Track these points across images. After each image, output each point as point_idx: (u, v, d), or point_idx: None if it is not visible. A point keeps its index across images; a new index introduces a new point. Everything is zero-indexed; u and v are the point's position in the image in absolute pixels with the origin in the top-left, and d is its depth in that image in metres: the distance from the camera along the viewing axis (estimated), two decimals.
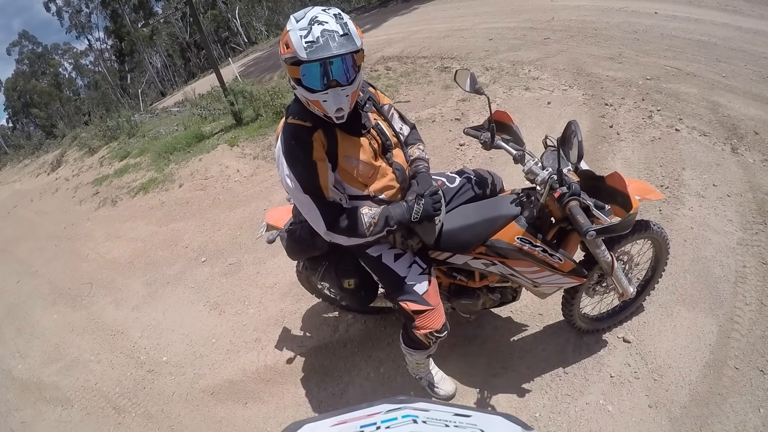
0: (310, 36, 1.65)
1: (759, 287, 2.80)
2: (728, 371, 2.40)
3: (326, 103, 1.77)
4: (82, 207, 7.10)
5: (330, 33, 1.66)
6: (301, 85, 1.76)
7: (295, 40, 1.67)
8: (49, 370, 3.75)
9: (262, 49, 18.41)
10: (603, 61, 6.11)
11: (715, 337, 2.57)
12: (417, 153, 2.19)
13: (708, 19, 7.23)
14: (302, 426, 0.76)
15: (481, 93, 2.14)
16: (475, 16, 9.83)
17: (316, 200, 1.86)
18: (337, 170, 1.91)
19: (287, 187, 1.89)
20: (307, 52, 1.65)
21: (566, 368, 2.54)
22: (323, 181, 1.85)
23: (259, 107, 7.30)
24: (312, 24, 1.67)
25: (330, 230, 1.89)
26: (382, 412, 0.79)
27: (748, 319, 2.63)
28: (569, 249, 2.12)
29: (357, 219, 1.88)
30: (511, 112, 4.99)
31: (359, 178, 1.95)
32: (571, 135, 1.79)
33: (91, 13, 40.59)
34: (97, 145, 9.91)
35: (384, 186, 2.00)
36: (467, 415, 0.79)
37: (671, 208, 3.46)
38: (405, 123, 2.26)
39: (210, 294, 3.91)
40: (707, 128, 4.34)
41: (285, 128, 1.91)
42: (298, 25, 1.69)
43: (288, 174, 1.86)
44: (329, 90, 1.74)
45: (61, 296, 4.74)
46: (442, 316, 2.09)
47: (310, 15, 1.71)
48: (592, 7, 8.79)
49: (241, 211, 5.01)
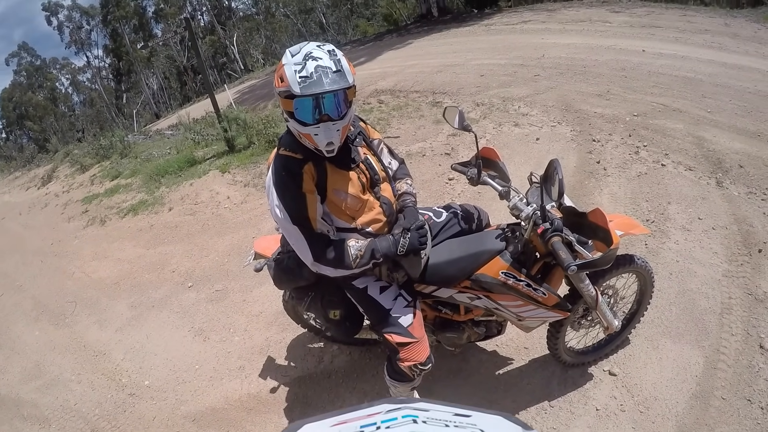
0: (304, 71, 1.70)
1: (744, 318, 2.84)
2: (715, 402, 2.42)
3: (317, 137, 1.81)
4: (70, 224, 7.05)
5: (323, 69, 1.71)
6: (294, 118, 1.81)
7: (290, 75, 1.71)
8: (28, 387, 3.68)
9: (258, 77, 18.57)
10: (591, 97, 6.25)
11: (701, 369, 2.59)
12: (405, 188, 2.23)
13: (694, 56, 7.47)
14: (302, 426, 0.76)
15: (469, 130, 2.19)
16: (467, 53, 10.00)
17: (304, 231, 1.88)
18: (325, 202, 1.94)
19: (276, 217, 1.92)
20: (301, 87, 1.70)
21: (552, 402, 2.54)
22: (312, 212, 1.88)
23: (252, 135, 7.34)
24: (306, 59, 1.72)
25: (317, 261, 1.91)
26: (382, 412, 0.79)
27: (734, 349, 2.67)
28: (554, 283, 2.16)
29: (344, 251, 1.91)
30: (501, 147, 5.14)
31: (347, 211, 1.98)
32: (553, 172, 1.83)
33: (91, 30, 40.95)
34: (89, 163, 9.89)
35: (371, 219, 2.03)
36: (467, 415, 0.79)
37: (657, 242, 3.52)
38: (394, 158, 2.30)
39: (195, 320, 3.88)
40: (693, 163, 4.44)
41: (276, 159, 1.94)
42: (293, 60, 1.73)
43: (277, 204, 1.88)
44: (321, 124, 1.78)
45: (44, 313, 4.68)
46: (426, 349, 2.10)
47: (305, 50, 1.75)
48: (581, 45, 9.02)
49: (230, 238, 5.01)
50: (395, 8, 23.70)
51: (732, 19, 10.11)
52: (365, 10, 32.74)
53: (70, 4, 39.50)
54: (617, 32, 9.83)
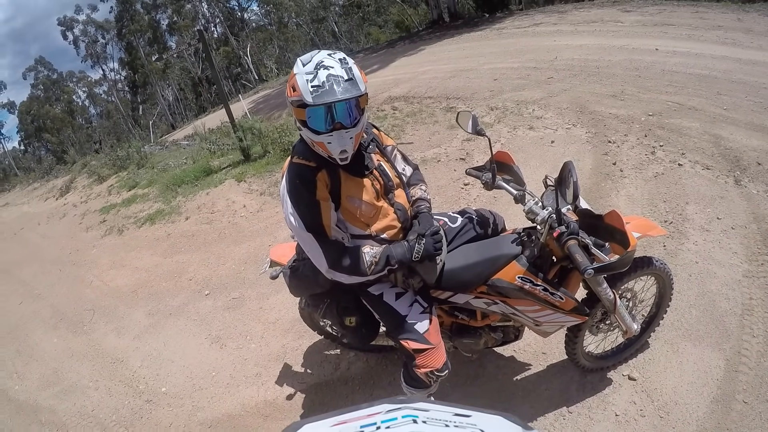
0: (316, 80, 1.71)
1: (766, 319, 2.78)
2: (737, 405, 2.37)
3: (330, 145, 1.82)
4: (88, 234, 7.18)
5: (335, 78, 1.72)
6: (307, 127, 1.81)
7: (302, 84, 1.72)
8: (46, 393, 3.73)
9: (272, 87, 18.76)
10: (605, 98, 6.19)
11: (722, 372, 2.54)
12: (419, 193, 2.23)
13: (708, 53, 7.38)
14: (302, 426, 0.76)
15: (483, 134, 2.19)
16: (480, 57, 10.00)
17: (318, 239, 1.89)
18: (339, 210, 1.95)
19: (290, 225, 1.92)
20: (313, 96, 1.70)
21: (570, 407, 2.50)
22: (326, 220, 1.89)
23: (267, 144, 7.41)
24: (318, 69, 1.73)
25: (332, 268, 1.91)
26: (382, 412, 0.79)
27: (756, 351, 2.61)
28: (571, 287, 2.13)
29: (359, 258, 1.91)
30: (516, 151, 5.13)
31: (361, 218, 1.98)
32: (568, 175, 1.83)
33: (106, 44, 41.65)
34: (106, 174, 10.07)
35: (386, 226, 2.04)
36: (467, 415, 0.79)
37: (675, 243, 3.47)
38: (408, 164, 2.30)
39: (212, 327, 3.90)
40: (710, 161, 4.37)
41: (290, 168, 1.95)
42: (304, 69, 1.75)
43: (292, 212, 1.89)
44: (334, 132, 1.79)
45: (62, 321, 4.75)
46: (443, 355, 2.08)
47: (316, 59, 1.76)
48: (594, 45, 8.97)
49: (246, 246, 5.04)
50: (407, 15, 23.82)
51: (744, 14, 9.98)
52: (377, 17, 32.89)
53: (85, 19, 40.28)
54: (629, 32, 9.76)
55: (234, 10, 38.37)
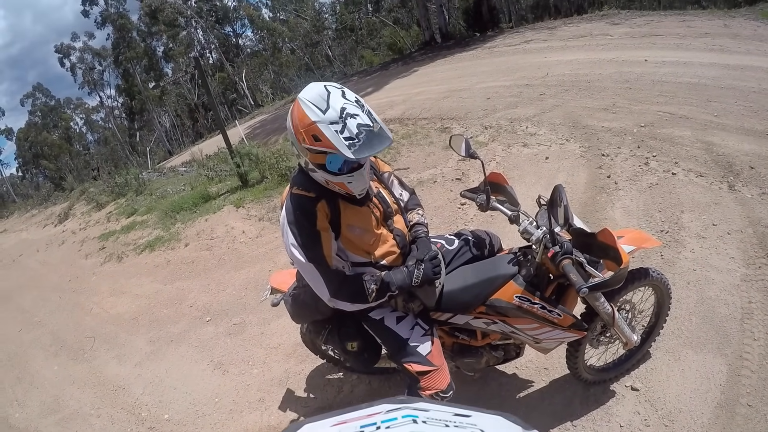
0: (347, 132, 1.67)
1: (766, 321, 2.80)
2: (741, 409, 2.38)
3: (351, 185, 1.84)
4: (87, 261, 7.17)
5: (366, 128, 1.69)
6: (323, 170, 1.81)
7: (332, 136, 1.67)
8: (47, 421, 3.71)
9: (268, 112, 18.91)
10: (597, 112, 6.26)
11: (725, 377, 2.55)
12: (416, 218, 2.26)
13: (696, 61, 7.48)
14: (302, 426, 0.77)
15: (476, 157, 2.24)
16: (472, 76, 10.11)
17: (319, 269, 1.90)
18: (340, 239, 1.96)
19: (292, 255, 1.93)
20: (353, 151, 1.66)
21: (574, 421, 2.51)
22: (327, 250, 1.90)
23: (264, 170, 7.45)
24: (345, 118, 1.67)
25: (334, 297, 1.92)
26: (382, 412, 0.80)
27: (758, 354, 2.63)
28: (569, 303, 2.15)
29: (360, 286, 1.92)
30: (511, 169, 5.17)
31: (362, 246, 2.00)
32: (558, 199, 1.86)
33: (103, 71, 42.12)
34: (104, 201, 10.08)
35: (385, 252, 2.05)
36: (467, 415, 0.79)
37: (672, 252, 3.50)
38: (404, 189, 2.33)
39: (214, 353, 3.90)
40: (703, 169, 4.42)
41: (290, 199, 1.95)
42: (326, 117, 1.67)
43: (293, 243, 1.89)
44: (354, 173, 1.81)
45: (63, 348, 4.74)
46: (447, 376, 2.10)
47: (336, 104, 1.70)
48: (584, 60, 9.09)
49: (247, 272, 5.05)
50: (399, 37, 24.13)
51: (731, 20, 10.17)
52: (370, 40, 33.28)
53: (82, 46, 40.80)
54: (618, 44, 9.91)
55: (229, 36, 38.88)
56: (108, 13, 36.88)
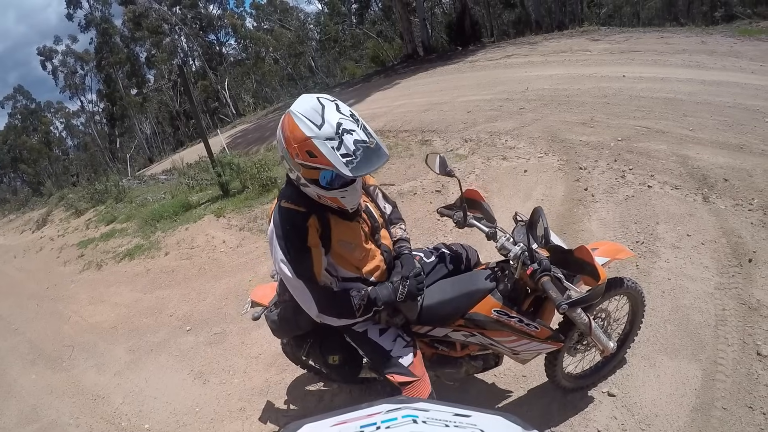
0: (343, 148, 1.64)
1: (740, 327, 2.89)
2: (716, 412, 2.44)
3: (344, 199, 1.85)
4: (66, 268, 7.07)
5: (363, 144, 1.67)
6: (316, 185, 1.80)
7: (328, 153, 1.64)
8: (25, 430, 3.65)
9: (250, 121, 18.80)
10: (576, 126, 6.36)
11: (699, 381, 2.62)
12: (399, 233, 2.29)
13: (673, 77, 7.65)
14: (302, 426, 0.78)
15: (452, 175, 2.29)
16: (453, 90, 10.20)
17: (308, 285, 1.89)
18: (330, 253, 1.96)
19: (280, 270, 1.91)
20: (351, 168, 1.64)
21: (553, 428, 2.55)
22: (317, 267, 1.89)
23: (245, 179, 7.43)
24: (342, 134, 1.65)
25: (322, 313, 1.92)
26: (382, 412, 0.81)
27: (732, 359, 2.70)
28: (546, 316, 2.20)
29: (347, 302, 1.93)
30: (490, 182, 5.25)
31: (352, 261, 2.01)
32: (537, 220, 1.92)
33: (85, 75, 41.55)
34: (84, 207, 9.93)
35: (374, 267, 2.08)
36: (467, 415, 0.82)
37: (648, 263, 3.58)
38: (387, 201, 2.37)
39: (194, 363, 3.88)
40: (678, 181, 4.53)
41: (279, 212, 1.92)
42: (322, 133, 1.65)
43: (282, 259, 1.87)
44: (348, 188, 1.81)
45: (40, 357, 4.66)
46: (428, 387, 2.12)
47: (332, 120, 1.67)
48: (563, 75, 9.23)
49: (227, 281, 5.03)
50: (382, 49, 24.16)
51: (708, 37, 10.40)
52: (353, 52, 33.39)
53: (65, 50, 40.24)
54: (598, 60, 10.09)
55: (212, 44, 38.68)
56: (92, 16, 36.54)
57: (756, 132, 5.22)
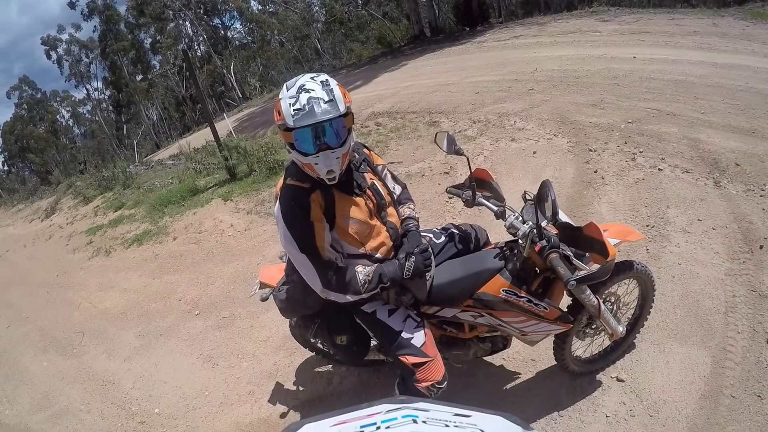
0: (298, 104, 1.77)
1: (750, 315, 2.86)
2: (725, 400, 2.43)
3: (317, 166, 1.86)
4: (75, 255, 7.11)
5: (316, 100, 1.76)
6: (295, 149, 1.86)
7: (285, 109, 1.79)
8: (37, 417, 3.68)
9: (256, 105, 18.74)
10: (585, 108, 6.31)
11: (709, 369, 2.61)
12: (408, 212, 2.29)
13: (684, 59, 7.57)
14: (302, 426, 0.77)
15: (461, 153, 2.27)
16: (461, 71, 10.12)
17: (312, 260, 1.92)
18: (334, 229, 1.98)
19: (285, 247, 1.96)
20: (294, 119, 1.77)
21: (561, 411, 2.55)
22: (320, 241, 1.92)
23: (252, 163, 7.41)
24: (300, 92, 1.78)
25: (326, 288, 1.94)
26: (382, 412, 0.80)
27: (741, 347, 2.69)
28: (555, 296, 2.19)
29: (352, 277, 1.94)
30: (498, 163, 5.21)
31: (357, 237, 2.02)
32: (546, 194, 1.88)
33: (90, 63, 41.49)
34: (92, 195, 9.96)
35: (379, 244, 2.08)
36: (467, 415, 0.80)
37: (658, 246, 3.55)
38: (397, 182, 2.37)
39: (203, 347, 3.89)
40: (689, 165, 4.48)
41: (284, 189, 1.98)
42: (288, 94, 1.80)
43: (286, 234, 1.92)
44: (320, 153, 1.83)
45: (51, 344, 4.70)
46: (441, 367, 2.13)
47: (299, 83, 1.81)
48: (573, 56, 9.14)
49: (235, 265, 5.03)
50: (388, 31, 23.92)
51: (720, 19, 10.25)
52: (359, 34, 33.11)
53: (69, 38, 40.14)
54: (607, 41, 9.98)
55: (217, 28, 38.49)
56: (95, 4, 36.35)
57: None
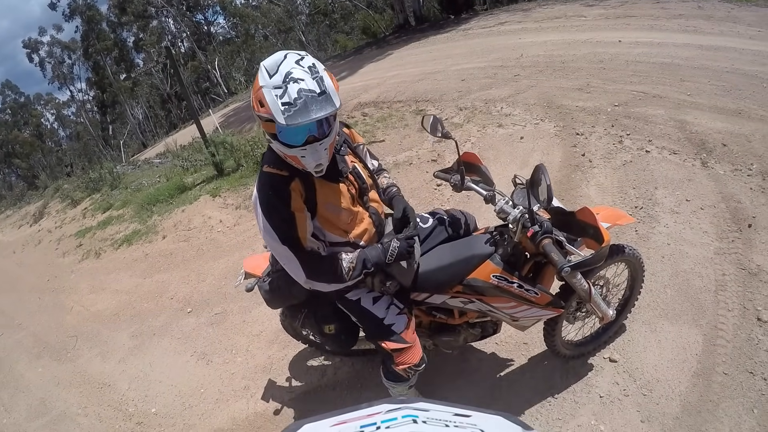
0: (287, 97, 1.58)
1: (740, 292, 2.90)
2: (717, 377, 2.46)
3: (305, 159, 1.74)
4: (65, 259, 7.03)
5: (307, 93, 1.59)
6: (277, 140, 1.73)
7: (271, 101, 1.60)
8: (35, 424, 3.66)
9: (242, 99, 18.60)
10: (572, 92, 6.32)
11: (700, 347, 2.64)
12: (386, 181, 2.30)
13: (670, 42, 7.59)
14: (302, 426, 0.77)
15: (449, 137, 2.23)
16: (447, 58, 10.08)
17: (294, 250, 1.85)
18: (316, 218, 1.91)
19: (265, 238, 1.88)
20: (286, 117, 1.59)
21: (555, 394, 2.57)
22: (301, 232, 1.84)
23: (239, 158, 7.36)
24: (287, 82, 1.59)
25: (310, 279, 1.89)
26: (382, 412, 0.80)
27: (732, 324, 2.72)
28: (545, 282, 2.18)
29: (336, 265, 1.90)
30: (486, 149, 5.21)
31: (339, 225, 1.96)
32: (540, 178, 1.83)
33: (73, 65, 40.90)
34: (79, 197, 9.84)
35: (362, 231, 2.04)
36: (467, 415, 0.80)
37: (647, 228, 3.58)
38: (373, 158, 2.34)
39: (197, 344, 3.88)
40: (676, 146, 4.51)
41: (261, 177, 1.87)
42: (271, 82, 1.61)
43: (265, 225, 1.84)
44: (308, 146, 1.71)
45: (45, 349, 4.66)
46: (419, 351, 2.15)
47: (284, 69, 1.62)
48: (558, 41, 9.13)
49: (225, 261, 5.01)
50: (373, 20, 23.77)
51: (705, 2, 10.22)
52: (343, 24, 32.89)
53: (50, 40, 39.60)
54: (593, 25, 9.97)
55: (200, 24, 38.02)
56: (76, 4, 35.71)
57: (754, 97, 5.18)
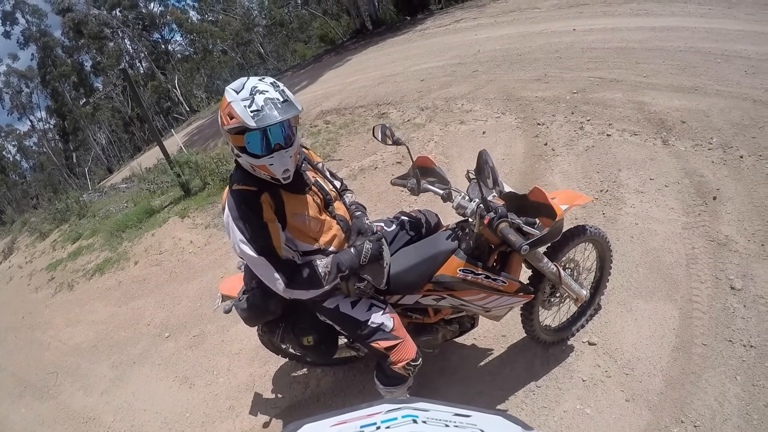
0: (254, 105, 1.77)
1: (711, 264, 2.97)
2: (697, 349, 2.52)
3: (273, 167, 1.88)
4: (38, 294, 6.85)
5: (272, 100, 1.79)
6: (246, 153, 1.87)
7: (240, 111, 1.77)
8: None
9: (204, 117, 18.42)
10: (530, 83, 6.40)
11: (677, 321, 2.69)
12: (350, 198, 2.40)
13: (623, 26, 7.74)
14: (302, 426, 0.77)
15: (400, 143, 2.30)
16: (405, 60, 10.15)
17: (271, 260, 1.92)
18: (287, 228, 1.99)
19: (241, 252, 1.94)
20: (255, 120, 1.76)
21: (538, 382, 2.61)
22: (276, 241, 1.93)
23: (205, 176, 7.29)
24: (254, 94, 1.79)
25: (289, 287, 1.94)
26: (382, 412, 0.81)
27: (707, 295, 2.79)
28: (513, 269, 2.22)
29: (312, 271, 1.96)
30: (449, 146, 5.26)
31: (309, 233, 2.04)
32: (484, 163, 1.89)
33: (31, 93, 40.03)
34: (47, 229, 9.61)
35: (331, 237, 2.11)
36: (467, 415, 0.81)
37: (613, 210, 3.65)
38: (335, 178, 2.41)
39: (178, 368, 3.83)
40: (636, 128, 4.60)
41: (232, 195, 1.98)
42: (239, 96, 1.80)
43: (241, 239, 1.92)
44: (275, 154, 1.86)
45: (27, 388, 4.54)
46: (413, 346, 2.17)
47: (249, 85, 1.82)
48: (513, 34, 9.25)
49: (199, 282, 4.96)
50: (330, 28, 23.75)
51: None
52: (301, 34, 32.86)
53: (6, 69, 38.74)
54: (547, 16, 10.12)
55: (158, 43, 37.51)
56: (30, 31, 34.96)
57: (709, 73, 5.30)
